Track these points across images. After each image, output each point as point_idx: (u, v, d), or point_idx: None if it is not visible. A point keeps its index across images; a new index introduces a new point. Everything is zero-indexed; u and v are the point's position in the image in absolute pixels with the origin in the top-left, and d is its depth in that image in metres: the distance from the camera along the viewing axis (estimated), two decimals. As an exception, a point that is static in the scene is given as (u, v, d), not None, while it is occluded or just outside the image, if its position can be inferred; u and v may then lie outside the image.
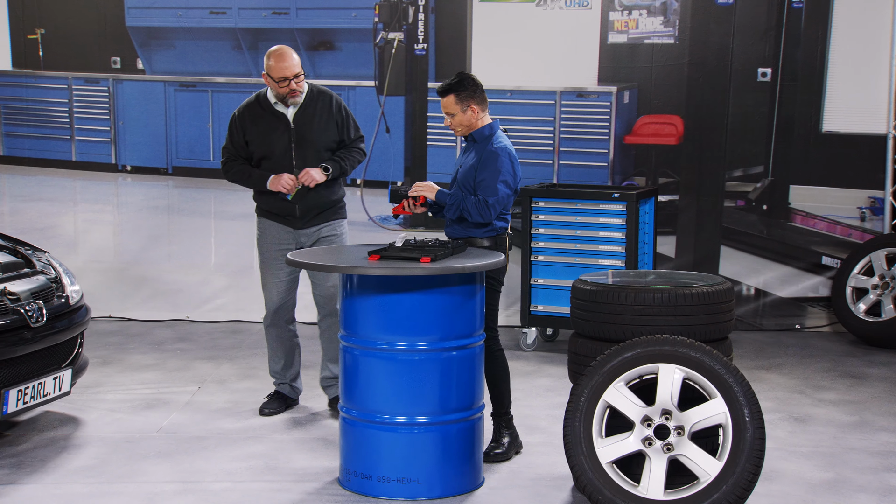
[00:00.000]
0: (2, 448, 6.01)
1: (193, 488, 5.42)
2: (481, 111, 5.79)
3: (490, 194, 5.65)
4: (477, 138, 5.81)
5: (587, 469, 4.75)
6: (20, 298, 5.99)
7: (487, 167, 5.70)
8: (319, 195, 6.48)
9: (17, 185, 9.82)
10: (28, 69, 9.83)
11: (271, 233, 6.67)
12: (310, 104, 6.48)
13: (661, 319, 4.99)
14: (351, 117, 6.61)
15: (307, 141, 6.46)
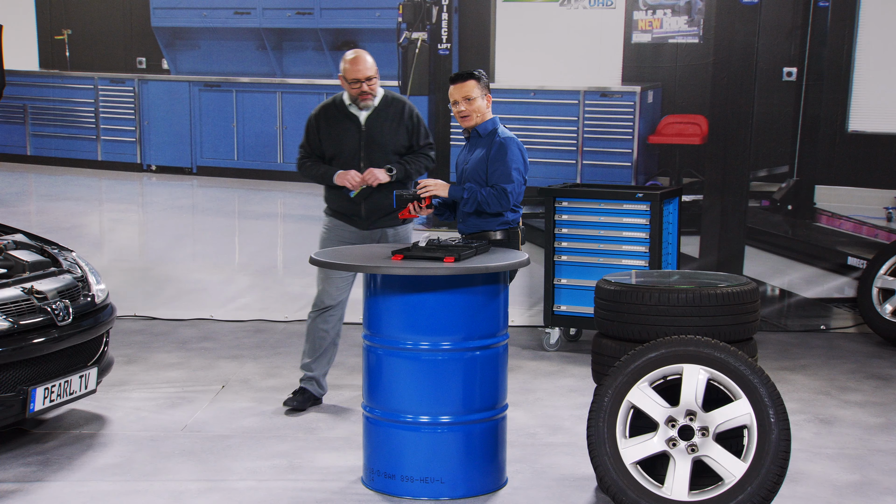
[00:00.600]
0: (29, 446, 6.04)
1: (218, 487, 5.43)
2: (489, 104, 5.98)
3: (506, 181, 5.82)
4: (481, 132, 5.98)
5: (611, 470, 4.74)
6: (47, 297, 6.02)
7: (499, 157, 5.87)
8: (385, 197, 6.50)
9: (43, 185, 9.89)
10: (55, 70, 9.88)
11: (337, 231, 6.75)
12: (382, 109, 6.59)
13: (686, 320, 4.97)
14: (422, 124, 6.72)
15: (376, 143, 6.54)
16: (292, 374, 7.55)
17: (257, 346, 8.54)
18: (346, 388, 7.17)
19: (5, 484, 5.47)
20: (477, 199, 5.82)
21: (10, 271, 6.13)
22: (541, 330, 8.53)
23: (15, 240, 6.59)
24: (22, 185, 9.97)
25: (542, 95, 9.06)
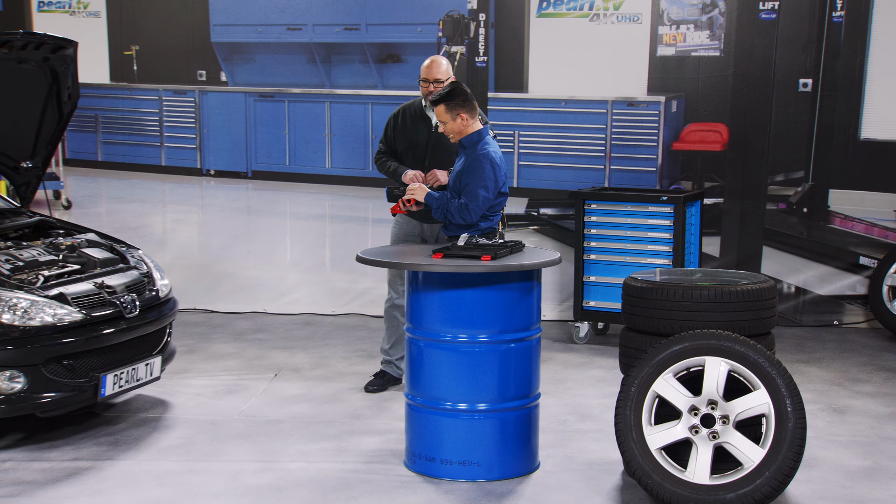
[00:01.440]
0: (100, 427, 6.10)
1: (271, 467, 5.46)
2: (470, 118, 5.87)
3: (471, 199, 5.78)
4: (466, 144, 5.90)
5: (637, 455, 4.73)
6: (116, 291, 6.07)
7: (471, 172, 5.81)
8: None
9: (112, 188, 9.96)
10: (124, 82, 9.94)
11: (403, 226, 6.80)
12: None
13: (708, 315, 4.95)
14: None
15: (443, 144, 6.54)
16: (340, 364, 7.58)
17: (307, 337, 8.57)
18: (390, 377, 7.20)
19: (80, 461, 5.54)
20: (444, 210, 5.87)
21: (83, 267, 6.19)
22: (571, 324, 8.50)
23: (87, 238, 6.65)
24: (93, 188, 10.05)
25: (573, 105, 9.04)
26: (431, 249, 5.45)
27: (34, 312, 5.61)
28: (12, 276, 5.82)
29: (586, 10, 8.97)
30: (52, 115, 6.73)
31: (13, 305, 5.56)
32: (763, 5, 8.76)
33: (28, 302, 5.63)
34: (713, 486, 4.62)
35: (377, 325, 8.59)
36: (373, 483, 5.23)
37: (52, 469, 5.43)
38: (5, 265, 5.88)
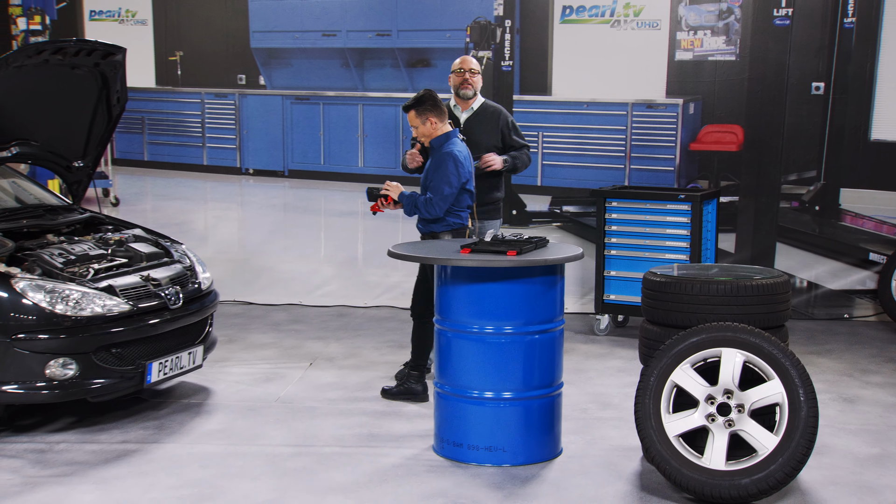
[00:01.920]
0: (146, 412, 6.15)
1: (307, 451, 5.49)
2: (439, 122, 6.17)
3: (435, 193, 6.06)
4: (434, 145, 6.18)
5: (656, 441, 4.73)
6: (161, 284, 6.12)
7: (436, 170, 6.10)
8: (483, 190, 6.65)
9: (157, 186, 10.02)
10: (168, 86, 10.00)
11: None
12: (480, 113, 6.76)
13: (724, 308, 4.94)
14: (517, 128, 6.90)
15: (471, 141, 6.57)
16: (372, 354, 7.61)
17: (340, 328, 8.60)
18: (420, 366, 7.22)
19: (128, 444, 5.59)
20: (412, 206, 6.14)
21: (130, 261, 6.24)
22: (592, 316, 8.50)
23: (134, 234, 6.71)
24: (140, 186, 10.11)
25: (594, 107, 9.02)
26: (459, 245, 5.47)
27: (85, 303, 5.66)
28: (65, 269, 5.88)
29: (607, 17, 8.95)
30: (102, 117, 6.77)
31: (66, 297, 5.62)
32: (777, 12, 8.72)
33: (80, 293, 5.68)
34: (729, 472, 4.62)
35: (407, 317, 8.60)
36: (403, 467, 5.25)
37: (102, 450, 5.48)
38: (59, 259, 5.93)
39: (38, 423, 5.91)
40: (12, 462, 5.32)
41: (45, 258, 5.89)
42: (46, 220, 6.53)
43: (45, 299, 5.55)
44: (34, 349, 5.48)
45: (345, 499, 4.83)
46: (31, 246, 6.09)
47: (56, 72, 6.23)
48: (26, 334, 5.47)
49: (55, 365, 5.53)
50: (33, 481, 5.05)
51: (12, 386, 5.50)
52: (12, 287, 5.54)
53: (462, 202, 6.21)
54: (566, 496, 4.87)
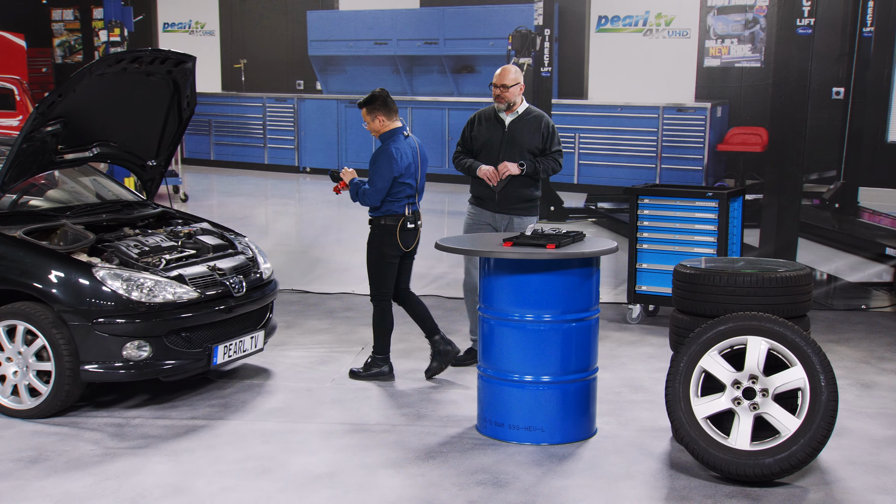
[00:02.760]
0: (212, 391, 6.22)
1: (359, 429, 5.53)
2: (387, 119, 6.36)
3: (371, 185, 6.28)
4: (382, 140, 6.37)
5: (685, 423, 4.72)
6: (226, 273, 6.17)
7: (372, 164, 6.32)
8: (515, 189, 6.62)
9: (222, 183, 10.09)
10: (233, 91, 10.06)
11: (476, 216, 6.81)
12: (524, 117, 6.67)
13: (750, 299, 4.91)
14: (556, 134, 6.75)
15: (515, 142, 6.62)
16: (418, 339, 7.59)
17: (390, 315, 8.62)
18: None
19: (196, 420, 5.66)
20: (354, 193, 6.38)
21: (198, 252, 6.29)
22: (625, 306, 8.47)
23: (202, 227, 6.76)
24: (206, 183, 10.18)
25: (628, 110, 8.98)
26: (502, 238, 5.47)
27: (158, 291, 5.73)
28: (140, 259, 5.94)
29: (640, 26, 8.90)
30: (174, 120, 6.82)
31: (140, 285, 5.68)
32: (800, 21, 8.62)
33: (153, 282, 5.75)
34: (753, 452, 4.60)
35: (452, 306, 8.63)
36: (448, 444, 5.27)
37: (172, 426, 5.55)
38: (134, 250, 6.00)
39: (115, 400, 6.00)
40: (94, 434, 5.41)
41: (122, 249, 5.97)
42: (123, 215, 6.61)
43: (123, 287, 5.62)
44: (112, 332, 5.55)
45: (394, 473, 4.86)
46: (109, 238, 6.17)
47: (133, 79, 6.28)
48: (105, 319, 5.54)
49: (131, 347, 5.60)
50: (112, 452, 5.13)
51: (93, 366, 5.58)
52: (93, 275, 5.62)
53: (399, 193, 6.33)
54: (600, 473, 4.87)
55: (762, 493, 4.59)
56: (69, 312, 5.55)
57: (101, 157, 6.73)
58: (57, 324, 5.55)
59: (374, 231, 6.46)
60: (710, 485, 4.69)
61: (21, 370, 5.67)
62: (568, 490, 4.66)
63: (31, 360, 5.63)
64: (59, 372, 5.55)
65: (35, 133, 5.89)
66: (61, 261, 5.68)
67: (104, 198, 6.98)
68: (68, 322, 5.55)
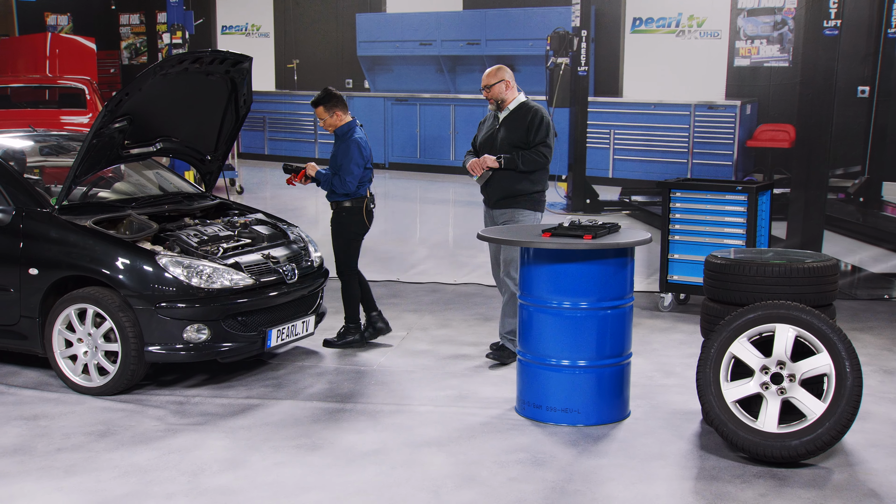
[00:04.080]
0: (266, 372, 6.26)
1: (404, 409, 5.54)
2: (343, 114, 6.73)
3: (347, 174, 6.58)
4: (339, 133, 6.71)
5: (715, 406, 4.69)
6: (279, 261, 6.21)
7: (345, 155, 6.61)
8: (501, 183, 6.40)
9: (275, 177, 9.98)
10: (286, 90, 10.11)
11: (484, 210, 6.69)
12: (516, 112, 6.42)
13: (779, 288, 4.86)
14: (541, 127, 6.33)
15: (503, 137, 6.42)
16: (461, 326, 7.63)
17: (433, 302, 8.63)
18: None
19: (251, 399, 5.70)
20: (329, 183, 6.64)
21: (253, 241, 6.33)
22: (657, 294, 8.41)
23: (257, 217, 6.80)
24: (261, 176, 10.23)
25: (661, 108, 8.90)
26: (540, 229, 5.45)
27: (216, 277, 5.77)
28: (199, 247, 5.99)
29: (673, 28, 8.82)
30: (231, 117, 6.86)
31: (200, 271, 5.73)
32: (827, 23, 8.50)
33: (211, 269, 5.79)
34: (780, 434, 4.56)
35: (492, 293, 8.62)
36: (489, 425, 5.27)
37: (229, 404, 5.60)
38: (194, 239, 6.05)
39: (176, 380, 6.06)
40: (157, 411, 5.47)
41: (182, 238, 6.02)
42: (184, 206, 6.67)
43: (183, 273, 5.67)
44: (174, 316, 5.61)
45: (437, 451, 4.87)
46: (171, 228, 6.23)
47: (194, 78, 6.32)
48: (167, 303, 5.60)
49: (191, 330, 5.65)
50: (174, 428, 5.19)
51: (156, 347, 5.64)
52: (157, 263, 5.67)
53: (364, 178, 6.71)
54: (634, 453, 4.85)
55: (788, 474, 4.54)
56: (134, 297, 5.61)
57: (164, 151, 6.79)
58: (123, 308, 5.61)
59: (340, 214, 6.77)
60: (739, 465, 4.65)
61: (91, 350, 5.75)
62: (602, 469, 4.64)
63: (99, 342, 5.71)
64: (125, 352, 5.62)
65: (104, 129, 5.96)
66: (127, 249, 5.74)
67: (166, 190, 7.05)
68: (133, 306, 5.61)
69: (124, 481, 4.48)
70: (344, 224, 6.78)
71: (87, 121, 10.09)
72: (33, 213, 5.96)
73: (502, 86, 6.42)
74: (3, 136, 6.79)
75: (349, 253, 6.83)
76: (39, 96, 11.04)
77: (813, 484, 4.45)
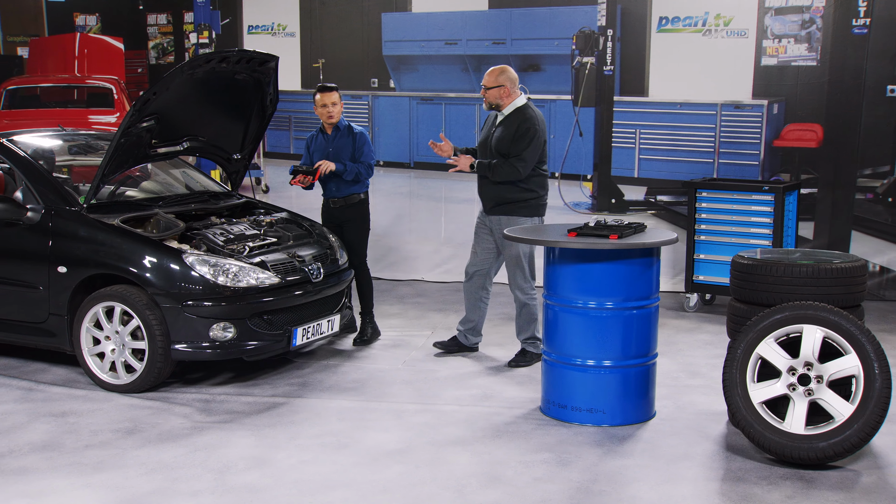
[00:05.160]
0: (291, 371, 6.28)
1: (429, 409, 5.54)
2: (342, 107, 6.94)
3: (371, 160, 6.83)
4: (340, 127, 6.87)
5: (741, 407, 4.66)
6: (304, 260, 6.22)
7: (365, 144, 6.82)
8: (492, 191, 6.32)
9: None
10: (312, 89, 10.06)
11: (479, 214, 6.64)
12: (509, 117, 6.25)
13: (806, 289, 4.82)
14: (523, 139, 6.13)
15: (490, 142, 6.31)
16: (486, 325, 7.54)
17: (458, 301, 8.57)
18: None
19: (277, 398, 5.72)
20: (355, 172, 6.72)
21: (279, 240, 6.35)
22: (682, 295, 8.37)
23: (282, 217, 6.83)
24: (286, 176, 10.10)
25: (687, 107, 8.85)
26: (566, 229, 5.43)
27: (242, 276, 5.79)
28: (225, 246, 6.02)
29: (700, 27, 8.77)
30: (257, 116, 6.89)
31: (226, 270, 5.76)
32: (856, 21, 8.42)
33: (237, 267, 5.82)
34: (807, 436, 4.52)
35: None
36: (514, 424, 5.27)
37: (255, 402, 5.63)
38: (220, 237, 6.08)
39: (202, 378, 6.09)
40: (183, 409, 5.50)
41: (209, 237, 6.05)
42: (210, 205, 6.70)
43: (210, 272, 5.70)
44: (200, 314, 5.64)
45: (462, 451, 4.87)
46: (197, 226, 6.26)
47: (220, 78, 6.35)
48: (194, 301, 5.63)
49: (217, 328, 5.68)
50: (200, 426, 5.22)
51: (182, 345, 5.67)
52: (183, 261, 5.71)
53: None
54: (659, 454, 4.83)
55: (816, 476, 4.51)
56: (161, 295, 5.65)
57: (191, 150, 6.83)
58: (150, 306, 5.65)
59: (363, 205, 6.95)
60: (765, 467, 4.62)
61: (118, 348, 5.79)
62: (628, 469, 4.63)
63: (126, 339, 5.75)
64: (152, 350, 5.65)
65: (132, 129, 6.00)
66: (154, 247, 5.78)
67: (193, 189, 7.09)
68: (160, 304, 5.65)
69: (151, 478, 4.51)
70: (366, 214, 6.99)
71: (114, 120, 10.16)
72: (62, 211, 6.01)
73: (499, 92, 6.22)
74: (33, 136, 6.85)
75: (366, 242, 7.04)
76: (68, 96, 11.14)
77: (841, 486, 4.42)
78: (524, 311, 6.37)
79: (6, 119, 10.30)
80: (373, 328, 7.06)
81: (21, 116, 10.30)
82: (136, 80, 11.18)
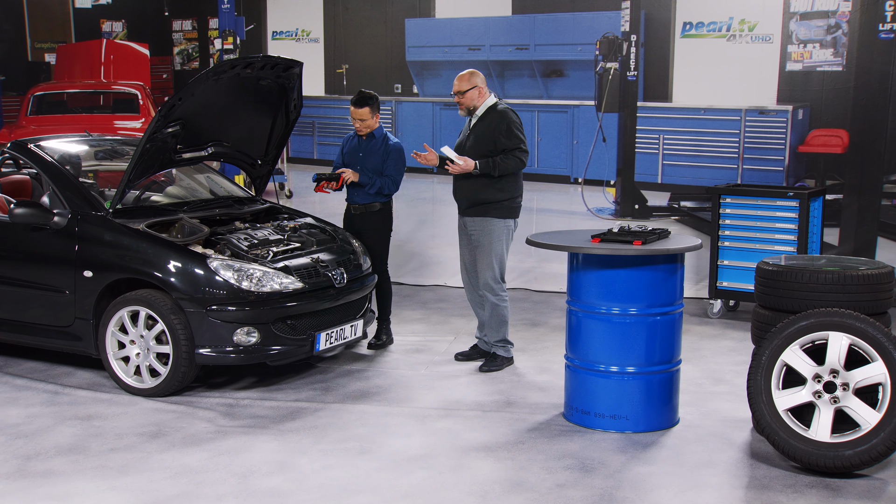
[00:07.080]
0: (315, 375, 6.29)
1: (452, 413, 5.54)
2: (378, 117, 6.87)
3: (399, 175, 6.81)
4: (376, 135, 6.83)
5: (766, 415, 4.63)
6: (328, 265, 6.23)
7: (398, 159, 6.80)
8: (470, 191, 6.30)
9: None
10: (335, 94, 10.15)
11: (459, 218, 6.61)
12: (484, 117, 6.26)
13: (832, 296, 4.78)
14: (510, 131, 6.15)
15: (472, 142, 6.29)
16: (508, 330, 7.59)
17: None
18: (550, 343, 7.18)
19: (300, 402, 5.74)
20: (377, 185, 6.73)
21: (302, 245, 6.37)
22: (706, 301, 8.33)
23: (306, 222, 6.86)
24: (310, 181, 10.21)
25: (711, 112, 8.82)
26: (590, 234, 5.42)
27: (265, 281, 5.81)
28: (249, 251, 6.04)
29: (724, 32, 8.73)
30: (281, 121, 6.92)
31: (250, 275, 5.78)
32: (882, 26, 8.35)
33: (261, 272, 5.83)
34: (833, 444, 4.48)
35: (539, 298, 8.61)
36: (536, 430, 5.25)
37: (278, 407, 5.64)
38: (244, 242, 6.10)
39: (226, 382, 6.12)
40: (207, 413, 5.53)
41: (233, 242, 6.08)
42: (234, 210, 6.74)
43: (234, 277, 5.73)
44: (224, 319, 5.66)
45: (485, 457, 4.86)
46: (221, 231, 6.29)
47: (245, 83, 6.38)
48: (218, 306, 5.65)
49: (241, 333, 5.70)
50: (224, 430, 5.24)
51: (207, 349, 5.70)
52: (208, 266, 5.73)
53: None
54: (683, 461, 4.80)
55: (842, 484, 4.47)
56: (185, 300, 5.68)
57: (215, 156, 6.87)
58: (175, 310, 5.68)
59: (386, 212, 6.94)
60: (791, 475, 4.59)
61: (143, 352, 5.83)
62: (651, 476, 4.60)
63: (151, 344, 5.79)
64: (177, 354, 5.68)
65: (157, 134, 6.04)
66: (179, 252, 5.81)
67: (217, 194, 7.12)
68: (185, 309, 5.68)
69: (175, 482, 4.53)
70: (387, 222, 6.97)
71: (140, 125, 10.24)
72: (88, 216, 6.06)
73: (475, 92, 6.26)
74: (59, 141, 6.91)
75: (387, 250, 7.02)
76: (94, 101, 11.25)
77: (867, 495, 4.38)
78: (494, 312, 6.38)
79: (33, 125, 10.41)
80: (387, 334, 7.07)
81: (48, 122, 10.41)
82: (162, 86, 11.27)
